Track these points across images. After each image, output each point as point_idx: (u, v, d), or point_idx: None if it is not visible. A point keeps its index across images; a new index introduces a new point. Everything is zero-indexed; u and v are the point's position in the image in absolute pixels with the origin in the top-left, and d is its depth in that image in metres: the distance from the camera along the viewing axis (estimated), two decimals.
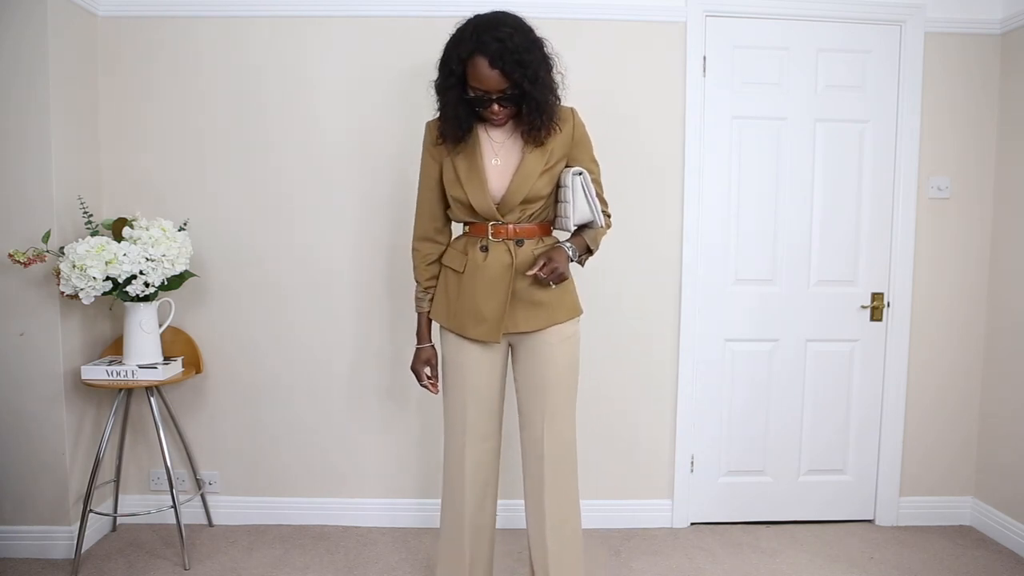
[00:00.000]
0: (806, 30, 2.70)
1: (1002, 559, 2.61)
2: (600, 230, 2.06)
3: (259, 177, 2.71)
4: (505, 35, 1.79)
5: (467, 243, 2.01)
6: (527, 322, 1.99)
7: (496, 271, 1.95)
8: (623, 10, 2.66)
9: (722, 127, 2.73)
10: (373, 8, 2.65)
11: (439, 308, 2.07)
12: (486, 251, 1.97)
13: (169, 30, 2.65)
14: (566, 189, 1.96)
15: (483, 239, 1.97)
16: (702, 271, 2.77)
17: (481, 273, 1.96)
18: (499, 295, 1.95)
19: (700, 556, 2.61)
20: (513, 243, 1.97)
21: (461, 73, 1.84)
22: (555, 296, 2.00)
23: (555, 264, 1.91)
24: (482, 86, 1.83)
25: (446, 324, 2.05)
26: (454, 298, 2.02)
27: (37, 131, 2.38)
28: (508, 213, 1.95)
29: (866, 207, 2.78)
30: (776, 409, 2.85)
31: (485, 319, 1.96)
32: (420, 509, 2.82)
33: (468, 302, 1.98)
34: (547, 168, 1.95)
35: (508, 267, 1.95)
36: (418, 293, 2.13)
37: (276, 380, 2.78)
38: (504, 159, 1.96)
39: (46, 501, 2.51)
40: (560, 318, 2.01)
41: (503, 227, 1.96)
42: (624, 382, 2.79)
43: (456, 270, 2.01)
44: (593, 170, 2.06)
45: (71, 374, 2.50)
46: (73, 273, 2.28)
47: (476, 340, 1.99)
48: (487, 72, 1.80)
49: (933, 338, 2.83)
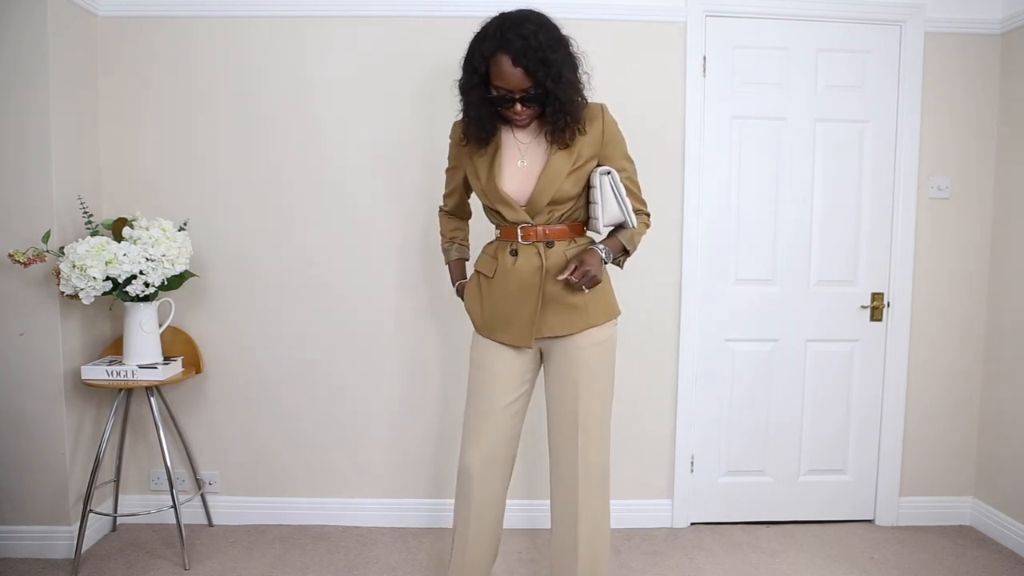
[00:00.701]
0: (806, 30, 2.70)
1: (1002, 559, 2.61)
2: (635, 230, 1.99)
3: (259, 177, 2.71)
4: (529, 32, 1.75)
5: (497, 248, 1.99)
6: (560, 326, 1.94)
7: (526, 275, 1.92)
8: (623, 10, 2.66)
9: (722, 127, 2.73)
10: (373, 8, 2.64)
11: (474, 314, 2.03)
12: (516, 255, 1.93)
13: (169, 30, 2.65)
14: (595, 190, 1.91)
15: (513, 243, 1.94)
16: (702, 271, 2.77)
17: (511, 277, 1.93)
18: (530, 299, 1.92)
19: (700, 556, 2.61)
20: (543, 245, 1.92)
21: (484, 72, 1.79)
22: (590, 298, 1.96)
23: (587, 267, 1.86)
24: (505, 85, 1.79)
25: (478, 329, 2.02)
26: (486, 304, 1.99)
27: (37, 131, 2.38)
28: (537, 215, 1.91)
29: (866, 207, 2.78)
30: (776, 409, 2.85)
31: (515, 323, 1.93)
32: (421, 509, 2.82)
33: (499, 307, 1.95)
34: (575, 168, 1.89)
35: (538, 270, 1.91)
36: (444, 244, 2.19)
37: (276, 380, 2.79)
38: (531, 160, 1.92)
39: (46, 501, 2.51)
40: (595, 321, 1.96)
41: (532, 229, 1.92)
42: (624, 382, 2.79)
43: (487, 275, 1.99)
44: (627, 167, 2.00)
45: (71, 374, 2.50)
46: (73, 273, 2.28)
47: (508, 345, 1.96)
48: (510, 70, 1.76)
49: (933, 338, 2.83)
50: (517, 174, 1.92)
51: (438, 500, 2.81)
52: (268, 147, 2.70)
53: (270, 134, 2.69)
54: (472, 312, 2.03)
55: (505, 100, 1.81)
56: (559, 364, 1.98)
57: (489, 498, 2.02)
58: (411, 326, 2.76)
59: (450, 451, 2.78)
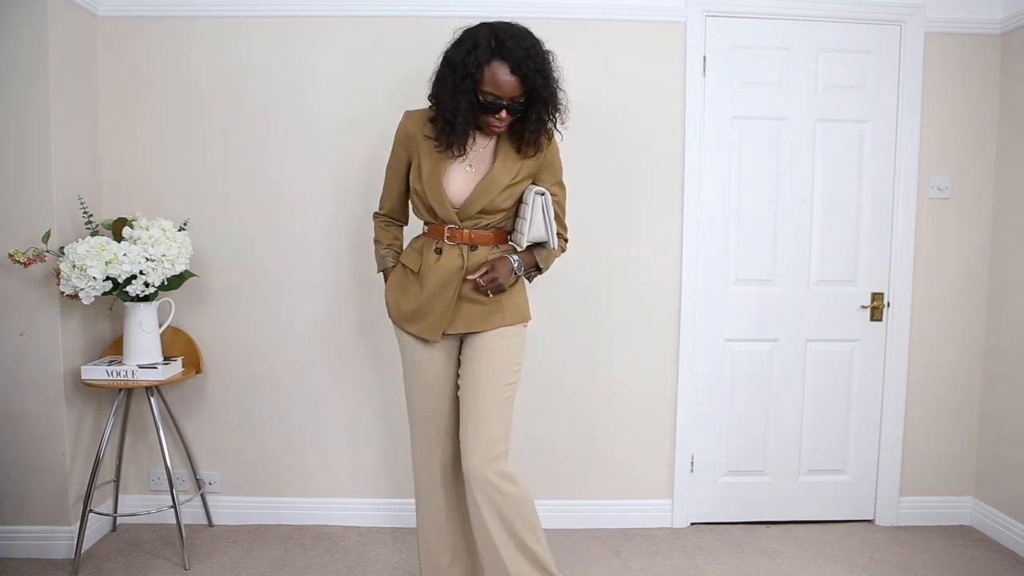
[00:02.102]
0: (806, 30, 2.70)
1: (1002, 559, 2.61)
2: (553, 252, 2.09)
3: (259, 177, 2.71)
4: (528, 45, 1.84)
5: (424, 244, 2.04)
6: (471, 323, 2.01)
7: (447, 273, 1.98)
8: (623, 10, 2.66)
9: (722, 127, 2.73)
10: (374, 8, 2.64)
11: (391, 303, 2.09)
12: (440, 253, 2.00)
13: (169, 30, 2.65)
14: (526, 207, 1.99)
15: (438, 241, 2.00)
16: (702, 271, 2.77)
17: (433, 274, 1.99)
18: (446, 296, 1.99)
19: (700, 556, 2.61)
20: (467, 248, 1.99)
21: (478, 78, 1.83)
22: (506, 300, 2.03)
23: (495, 274, 1.96)
24: (497, 92, 1.84)
25: (395, 319, 2.08)
26: (406, 296, 2.05)
27: (37, 131, 2.38)
28: (466, 219, 1.98)
29: (866, 207, 2.78)
30: (776, 409, 2.85)
31: (427, 318, 2.01)
32: None
33: (415, 300, 2.02)
34: (513, 183, 1.98)
35: (459, 270, 1.98)
36: (380, 251, 2.17)
37: (276, 380, 2.78)
38: (477, 167, 1.99)
39: (46, 501, 2.51)
40: (506, 320, 2.03)
41: (459, 232, 1.99)
42: (624, 382, 2.79)
43: (412, 269, 2.05)
44: (557, 193, 2.09)
45: (71, 374, 2.50)
46: (73, 273, 2.28)
47: (417, 338, 2.04)
48: (506, 77, 1.82)
49: (933, 338, 2.83)
50: (461, 177, 1.98)
51: None
52: (268, 147, 2.70)
53: (270, 133, 2.69)
54: (390, 303, 2.09)
55: (493, 107, 1.86)
56: (468, 355, 2.05)
57: (440, 462, 2.17)
58: None
59: None
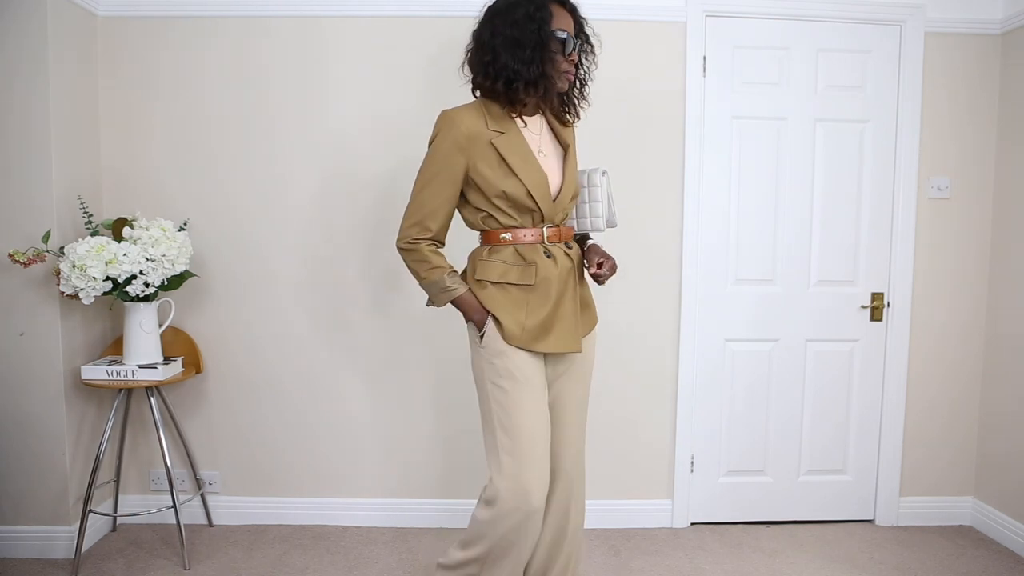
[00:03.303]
0: (806, 30, 2.70)
1: (1002, 559, 2.61)
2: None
3: (259, 176, 2.71)
4: None
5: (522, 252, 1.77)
6: (587, 325, 1.91)
7: (565, 274, 1.78)
8: (623, 10, 2.66)
9: (722, 127, 2.73)
10: (374, 8, 2.64)
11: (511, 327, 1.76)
12: (550, 257, 1.77)
13: (169, 30, 2.65)
14: (597, 189, 1.82)
15: (542, 245, 1.77)
16: (702, 271, 2.77)
17: (555, 280, 1.76)
18: (571, 301, 1.80)
19: (700, 556, 2.61)
20: (564, 246, 1.81)
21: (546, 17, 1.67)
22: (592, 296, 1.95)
23: (612, 259, 1.84)
24: (566, 26, 1.71)
25: (518, 342, 1.76)
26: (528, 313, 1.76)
27: (37, 131, 2.38)
28: (557, 213, 1.78)
29: (866, 207, 2.78)
30: (776, 409, 2.85)
31: (560, 330, 1.78)
32: (421, 509, 2.82)
33: (539, 315, 1.76)
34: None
35: (571, 271, 1.80)
36: (443, 278, 1.78)
37: (276, 380, 2.78)
38: (548, 151, 1.78)
39: (46, 501, 2.51)
40: (597, 317, 1.97)
41: (557, 229, 1.78)
42: (624, 382, 2.79)
43: (520, 284, 1.76)
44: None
45: (71, 374, 2.50)
46: (73, 273, 2.28)
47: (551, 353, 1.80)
48: (567, 17, 1.73)
49: (933, 338, 2.83)
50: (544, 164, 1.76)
51: (438, 500, 2.81)
52: (268, 146, 2.70)
53: (270, 133, 2.69)
54: (508, 326, 1.75)
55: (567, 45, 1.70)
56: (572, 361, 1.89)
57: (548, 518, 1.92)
58: (412, 327, 2.76)
59: (450, 451, 2.78)
